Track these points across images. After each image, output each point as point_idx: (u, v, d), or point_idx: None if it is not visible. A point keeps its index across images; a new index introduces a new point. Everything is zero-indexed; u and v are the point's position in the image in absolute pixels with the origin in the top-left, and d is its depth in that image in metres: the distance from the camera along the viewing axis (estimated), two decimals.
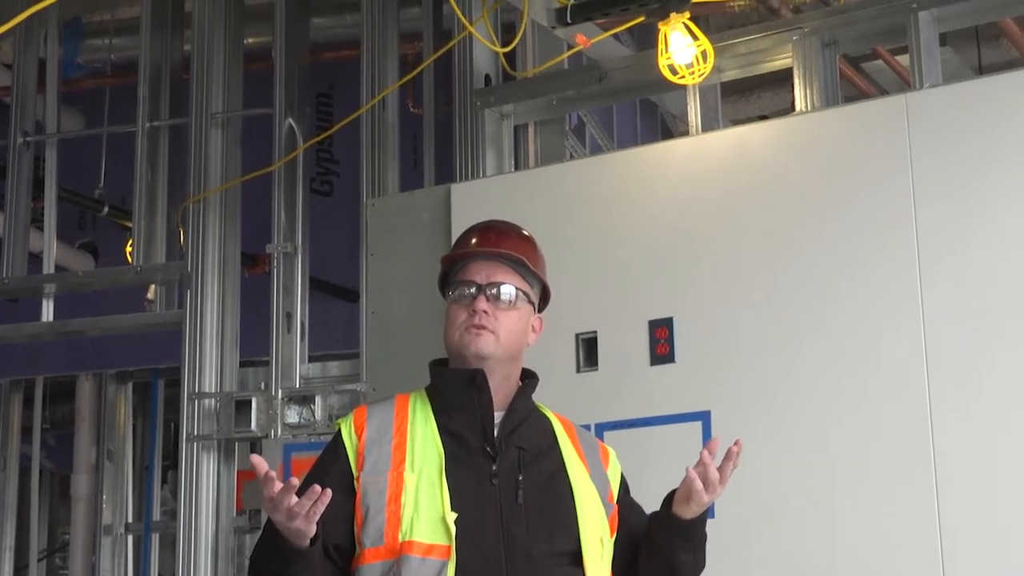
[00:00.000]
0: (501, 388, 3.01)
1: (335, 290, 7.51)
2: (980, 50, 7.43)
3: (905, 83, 6.48)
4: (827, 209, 4.34)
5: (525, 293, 3.05)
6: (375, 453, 2.94)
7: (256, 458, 2.76)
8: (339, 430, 3.02)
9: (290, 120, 6.09)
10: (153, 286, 6.55)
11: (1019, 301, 3.99)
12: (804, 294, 4.31)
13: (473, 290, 3.01)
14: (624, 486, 3.17)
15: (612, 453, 3.19)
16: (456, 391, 2.99)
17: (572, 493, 2.98)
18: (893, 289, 4.17)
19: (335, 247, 6.95)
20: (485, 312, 2.97)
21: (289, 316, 5.94)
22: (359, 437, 2.98)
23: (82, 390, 8.40)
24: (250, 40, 6.81)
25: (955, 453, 3.99)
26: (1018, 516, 3.89)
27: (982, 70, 7.32)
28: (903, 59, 6.37)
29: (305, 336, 5.97)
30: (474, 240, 3.09)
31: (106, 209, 7.66)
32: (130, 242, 6.59)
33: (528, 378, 3.10)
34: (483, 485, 2.92)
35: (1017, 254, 4.02)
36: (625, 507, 3.12)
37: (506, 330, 2.99)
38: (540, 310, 3.14)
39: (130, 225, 6.66)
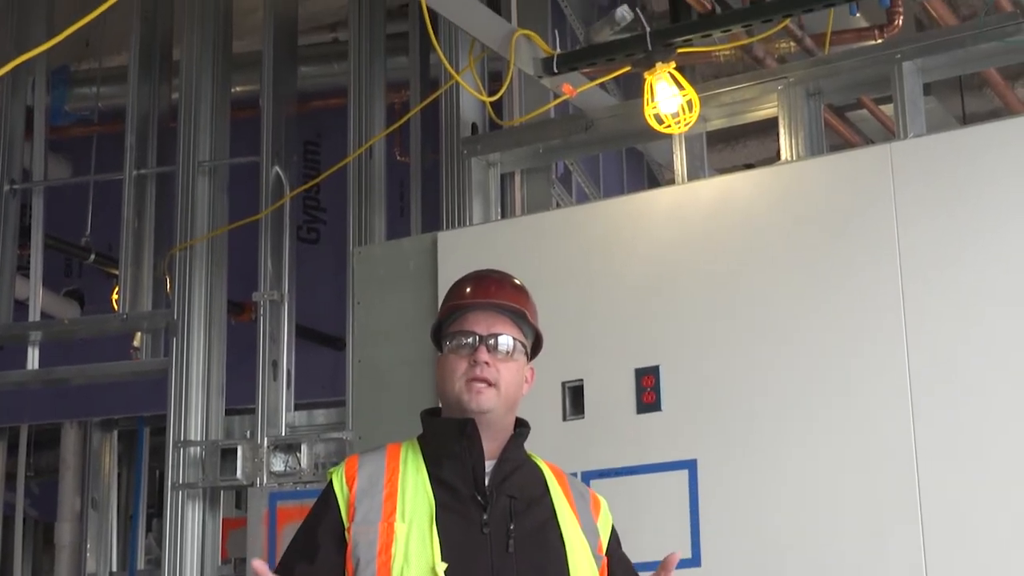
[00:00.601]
0: (495, 438, 3.01)
1: (321, 338, 7.50)
2: (964, 99, 7.47)
3: (890, 132, 6.51)
4: (813, 257, 4.35)
5: (522, 344, 3.05)
6: (366, 504, 2.93)
7: (258, 565, 2.74)
8: (330, 481, 3.01)
9: (277, 168, 6.11)
10: (139, 334, 6.55)
11: (1005, 346, 4.00)
12: (790, 342, 4.32)
13: (472, 340, 3.00)
14: (615, 538, 3.15)
15: (604, 504, 3.17)
16: (447, 440, 2.99)
17: (563, 543, 2.97)
18: (879, 337, 4.17)
19: (321, 295, 6.96)
20: (487, 364, 2.97)
21: (275, 364, 5.93)
22: (350, 488, 2.97)
23: (67, 438, 8.37)
24: (237, 88, 6.85)
25: (942, 500, 3.99)
26: (1004, 557, 3.88)
27: (966, 119, 7.35)
28: (887, 108, 6.41)
29: (291, 384, 5.96)
30: (469, 289, 3.08)
31: (92, 256, 7.66)
32: (116, 290, 6.59)
33: (520, 427, 3.09)
34: (474, 534, 2.90)
35: (1002, 302, 4.03)
36: (614, 560, 3.10)
37: (506, 382, 2.99)
38: (532, 358, 3.14)
39: (116, 273, 6.67)
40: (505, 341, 3.01)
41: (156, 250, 6.47)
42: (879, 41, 5.67)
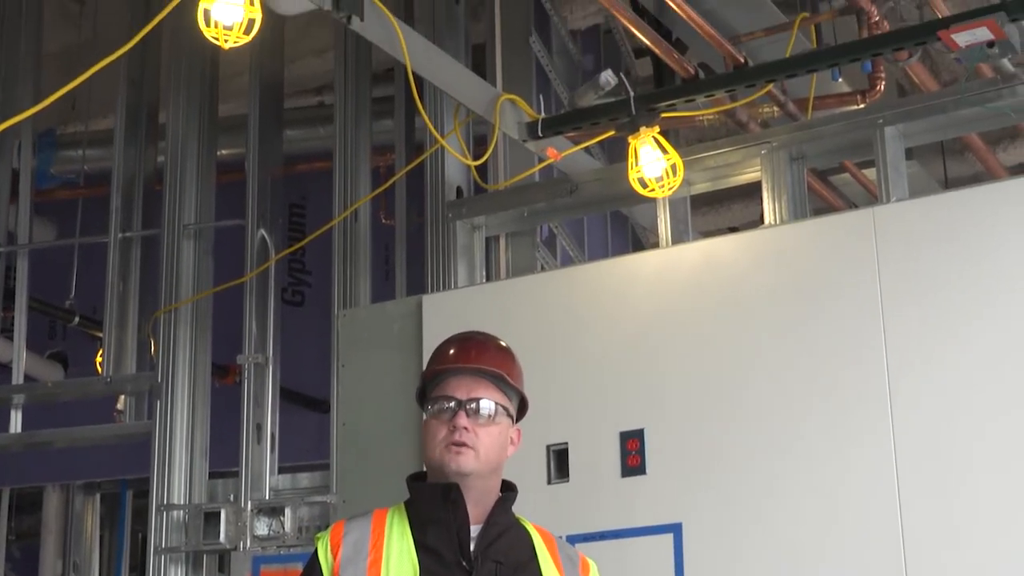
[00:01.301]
0: (480, 502, 3.00)
1: (306, 401, 7.49)
2: (946, 164, 7.52)
3: (872, 196, 6.55)
4: (797, 321, 4.36)
5: (504, 407, 3.04)
6: (350, 571, 2.92)
7: None
8: (316, 547, 3.00)
9: (262, 231, 6.11)
10: (123, 396, 6.53)
11: (987, 411, 4.01)
12: (774, 406, 4.32)
13: (453, 405, 3.00)
14: None
15: (593, 567, 3.15)
16: (432, 506, 2.97)
17: None
18: (863, 400, 4.18)
19: (306, 357, 6.95)
20: (465, 428, 2.96)
21: (259, 427, 5.92)
22: (335, 556, 2.95)
23: (49, 501, 8.33)
24: (223, 152, 6.86)
25: (927, 564, 3.98)
26: None
27: (948, 183, 7.40)
28: (870, 172, 6.45)
29: (275, 447, 5.94)
30: (452, 352, 3.08)
31: (77, 319, 7.65)
32: (100, 352, 6.57)
33: (508, 491, 3.08)
34: None
35: (984, 366, 4.04)
36: None
37: (486, 446, 2.98)
38: (518, 419, 3.13)
39: (100, 335, 6.64)
40: (486, 405, 3.00)
41: (140, 313, 6.46)
42: (861, 106, 5.70)
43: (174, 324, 6.12)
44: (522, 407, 3.13)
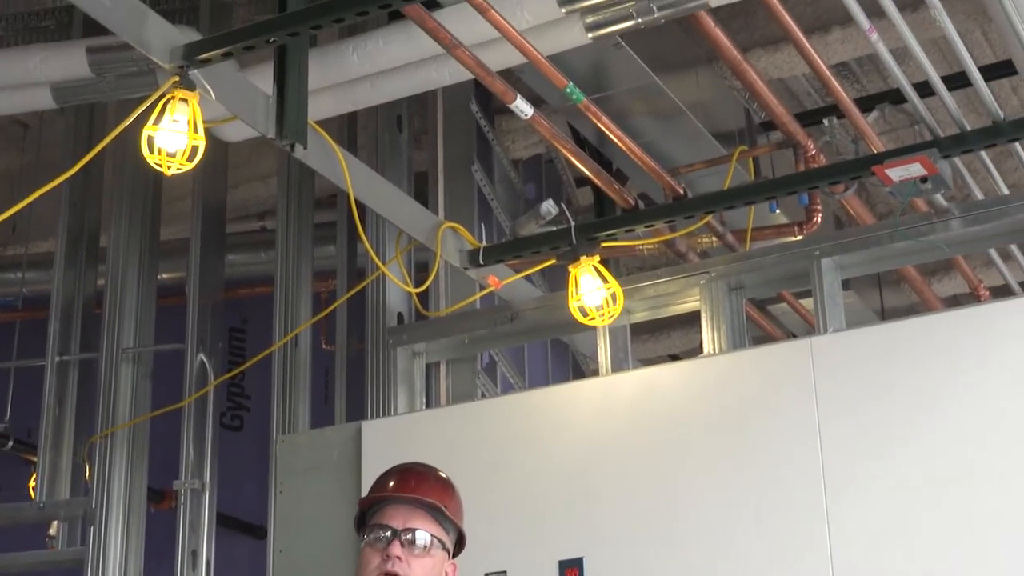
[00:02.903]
0: None
1: (242, 527, 7.41)
2: (882, 294, 7.61)
3: (810, 325, 6.60)
4: (736, 449, 4.37)
5: (440, 540, 3.03)
6: None
7: None
8: None
9: (202, 356, 6.08)
10: (56, 522, 6.43)
11: (922, 538, 4.03)
12: (714, 533, 4.32)
13: (388, 534, 2.99)
14: None
15: None
16: None
17: None
18: (801, 528, 4.19)
19: (244, 483, 6.89)
20: (399, 558, 2.95)
21: (195, 553, 5.84)
22: None
23: None
24: (164, 275, 6.84)
25: None
26: None
27: (884, 313, 7.48)
28: (808, 303, 6.51)
29: (211, 574, 5.86)
30: (392, 483, 3.08)
31: (10, 443, 7.55)
32: (34, 476, 6.49)
33: None
34: None
35: (920, 494, 4.07)
36: None
37: None
38: (455, 555, 3.12)
39: (34, 459, 6.56)
40: (422, 536, 2.99)
41: (76, 437, 6.38)
42: (799, 238, 5.78)
43: (110, 449, 6.05)
44: (460, 542, 3.12)
